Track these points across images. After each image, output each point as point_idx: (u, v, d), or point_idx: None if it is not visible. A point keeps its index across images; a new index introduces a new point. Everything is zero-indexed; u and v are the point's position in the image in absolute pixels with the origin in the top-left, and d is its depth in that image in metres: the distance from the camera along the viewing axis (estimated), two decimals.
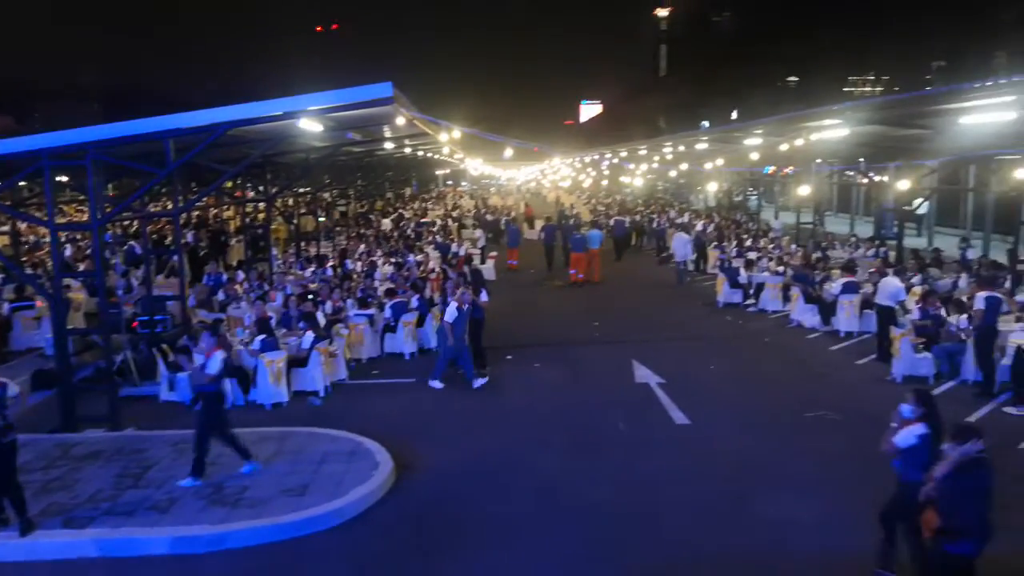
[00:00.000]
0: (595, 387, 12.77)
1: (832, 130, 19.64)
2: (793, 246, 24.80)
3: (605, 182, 63.29)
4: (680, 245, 24.57)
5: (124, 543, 7.53)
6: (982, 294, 12.00)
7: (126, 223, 23.11)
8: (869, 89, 75.25)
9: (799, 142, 22.03)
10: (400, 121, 13.45)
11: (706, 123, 74.96)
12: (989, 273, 15.59)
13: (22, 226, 23.46)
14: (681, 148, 35.90)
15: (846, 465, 9.36)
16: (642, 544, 7.58)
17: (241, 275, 18.14)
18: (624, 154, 45.38)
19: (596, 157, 48.00)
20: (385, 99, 10.34)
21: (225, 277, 17.95)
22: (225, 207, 35.01)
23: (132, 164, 11.40)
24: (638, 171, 49.13)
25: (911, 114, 16.62)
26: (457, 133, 16.70)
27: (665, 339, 16.34)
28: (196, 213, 30.15)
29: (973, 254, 21.64)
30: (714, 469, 9.33)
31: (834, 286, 16.56)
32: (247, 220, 25.68)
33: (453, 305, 12.88)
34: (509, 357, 14.55)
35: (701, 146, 33.18)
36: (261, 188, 23.10)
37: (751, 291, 19.64)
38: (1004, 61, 53.00)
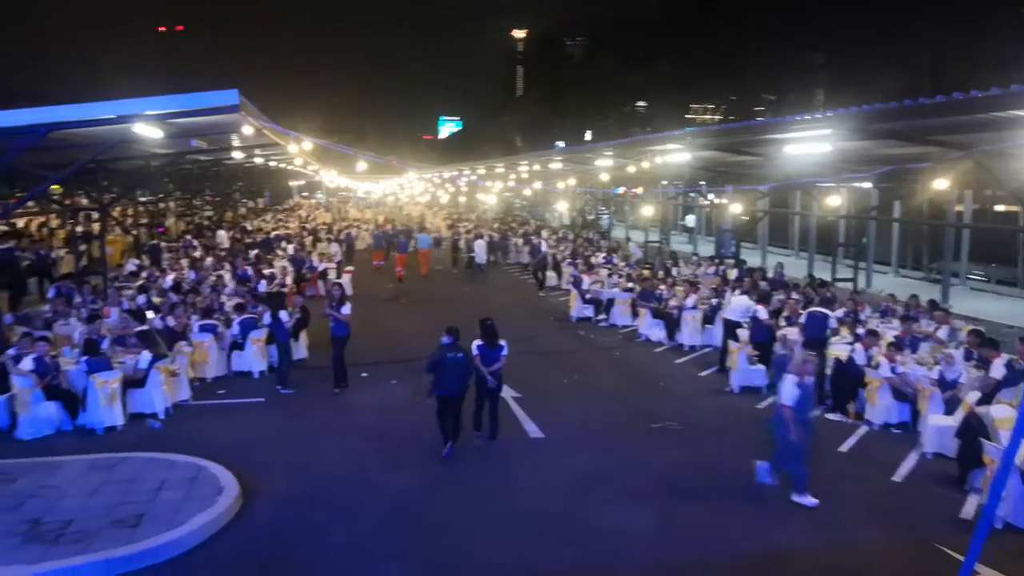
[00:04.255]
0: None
1: (675, 154, 20.89)
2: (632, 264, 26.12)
3: (463, 199, 63.79)
4: (479, 248, 30.12)
5: None
6: (810, 310, 13.11)
7: None
8: (709, 117, 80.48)
9: (645, 164, 23.23)
10: (248, 130, 12.97)
11: (561, 143, 77.43)
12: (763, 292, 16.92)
13: None
14: (536, 167, 36.88)
15: (685, 474, 9.87)
16: (484, 560, 7.61)
17: (54, 292, 16.76)
18: (482, 171, 45.95)
19: (454, 173, 48.30)
20: (231, 107, 9.95)
21: (72, 289, 16.54)
22: (53, 215, 32.25)
23: None
24: (495, 189, 49.88)
25: (743, 142, 17.99)
26: (308, 144, 16.25)
27: (521, 353, 16.59)
28: (15, 222, 27.51)
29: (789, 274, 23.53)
30: (563, 482, 9.54)
31: (688, 301, 17.42)
32: (78, 230, 23.73)
33: (792, 381, 8.84)
34: (364, 375, 14.28)
35: (555, 165, 34.26)
36: (94, 195, 21.46)
37: (602, 306, 20.39)
38: (822, 98, 58.47)
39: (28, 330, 12.90)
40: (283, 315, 13.70)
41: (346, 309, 13.29)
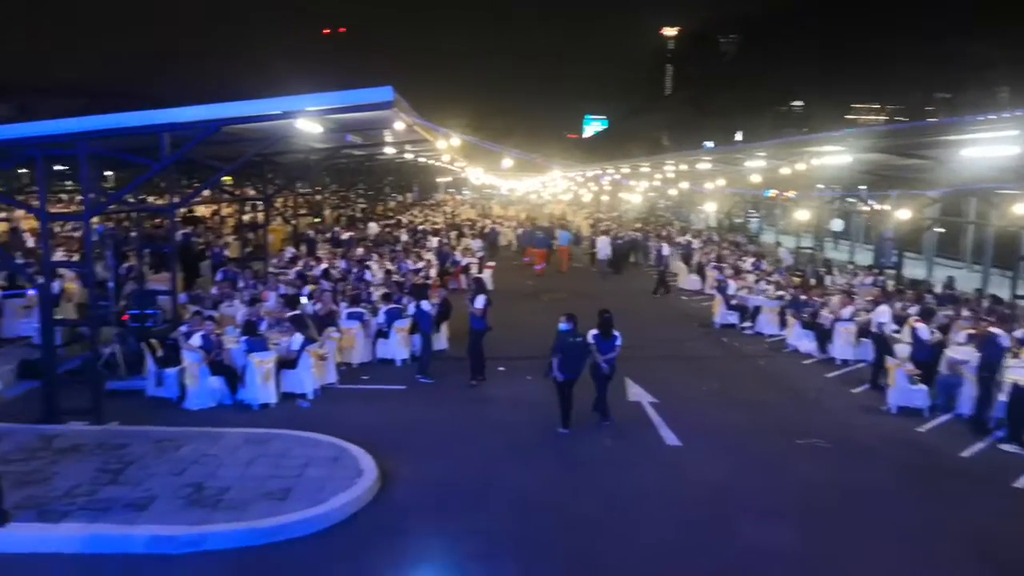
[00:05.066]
0: (587, 403, 12.65)
1: (834, 156, 19.66)
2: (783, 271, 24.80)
3: (606, 197, 63.28)
4: (603, 246, 30.59)
5: (99, 540, 7.38)
6: (993, 331, 11.97)
7: (122, 216, 22.99)
8: (873, 117, 75.58)
9: (801, 166, 22.05)
10: (400, 126, 13.38)
11: (709, 143, 75.24)
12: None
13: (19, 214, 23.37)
14: (683, 167, 35.95)
15: (830, 495, 9.25)
16: (619, 563, 7.46)
17: (221, 275, 17.99)
18: (626, 170, 45.40)
19: (597, 172, 48.04)
20: (385, 103, 10.27)
21: (236, 274, 17.85)
22: (224, 204, 34.93)
23: (127, 157, 11.32)
24: (639, 188, 49.14)
25: (913, 144, 16.66)
26: (456, 140, 16.60)
27: (659, 358, 16.24)
28: (191, 210, 30.02)
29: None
30: (700, 492, 9.22)
31: (843, 312, 16.39)
32: (244, 219, 25.56)
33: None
34: (501, 369, 14.43)
35: (703, 166, 33.25)
36: (259, 187, 23.03)
37: (749, 313, 19.56)
38: (1007, 96, 53.31)
39: (198, 309, 14.00)
40: (426, 306, 14.09)
41: (479, 302, 13.47)
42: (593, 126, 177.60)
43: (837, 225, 29.71)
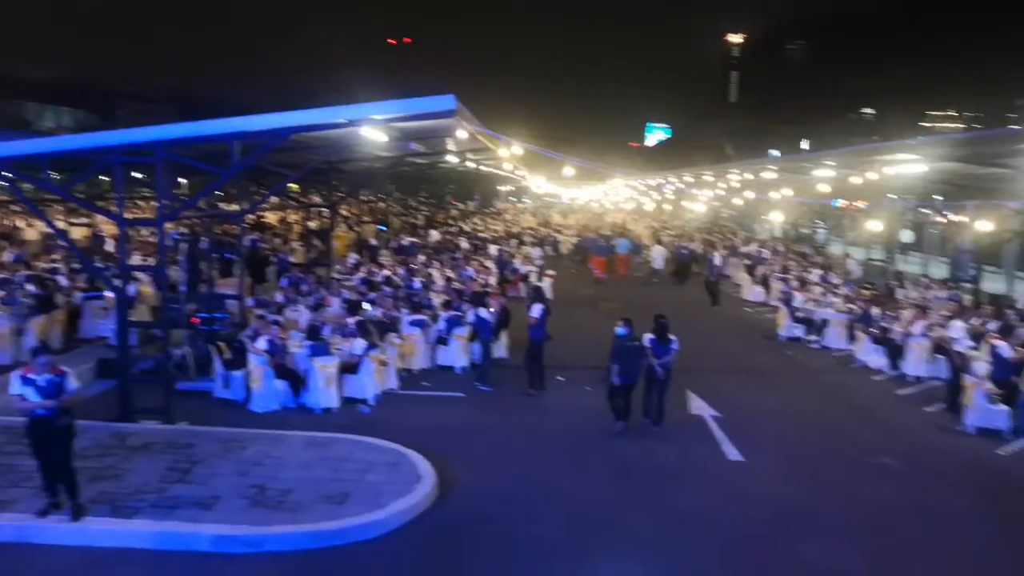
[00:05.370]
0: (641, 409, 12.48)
1: (907, 165, 18.97)
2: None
3: (669, 207, 62.50)
4: (657, 255, 30.76)
5: (168, 537, 7.61)
6: None
7: (194, 222, 23.78)
8: (949, 125, 72.84)
9: (872, 176, 21.35)
10: (462, 134, 13.48)
11: (775, 152, 73.70)
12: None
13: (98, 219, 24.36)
14: (747, 176, 35.26)
15: (901, 518, 8.89)
16: None
17: (286, 281, 18.37)
18: (689, 179, 44.79)
19: (660, 181, 47.48)
20: (448, 111, 10.35)
21: (301, 279, 18.25)
22: (292, 211, 35.82)
23: (199, 164, 11.66)
24: (702, 197, 48.40)
25: (993, 152, 15.94)
26: (519, 149, 16.64)
27: (722, 370, 15.91)
28: (260, 216, 30.85)
29: None
30: (763, 510, 8.96)
31: (915, 327, 15.79)
32: (310, 225, 26.15)
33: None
34: (560, 378, 14.36)
35: (769, 175, 32.52)
36: (325, 194, 23.52)
37: (815, 326, 19.02)
38: None
39: (264, 313, 14.34)
40: (486, 314, 14.12)
41: (536, 311, 13.45)
42: (656, 134, 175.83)
43: (907, 236, 28.79)
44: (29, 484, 8.12)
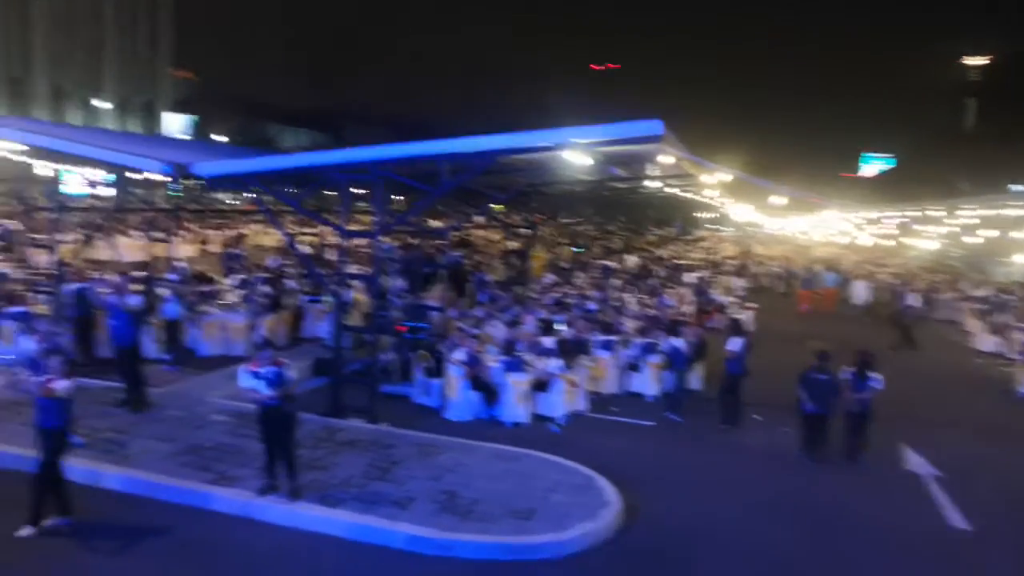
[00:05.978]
0: (851, 467, 11.46)
1: None
2: None
3: (892, 242, 57.49)
4: (859, 290, 28.71)
5: (367, 530, 8.07)
6: None
7: (404, 236, 25.36)
8: None
9: None
10: (667, 160, 13.22)
11: (1018, 187, 65.73)
12: None
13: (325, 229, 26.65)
14: (987, 212, 31.70)
15: None
16: None
17: (485, 296, 18.93)
18: (914, 214, 41.09)
19: (878, 215, 43.99)
20: (655, 136, 10.18)
21: (500, 296, 18.88)
22: (493, 230, 37.17)
23: (411, 183, 12.36)
24: (929, 234, 44.15)
25: None
26: (728, 176, 16.05)
27: (945, 425, 14.29)
28: (467, 234, 32.25)
29: None
30: None
31: None
32: (510, 245, 26.96)
33: None
34: (757, 417, 13.60)
35: (1013, 212, 29.05)
36: (526, 215, 24.16)
37: None
38: None
39: (463, 326, 14.92)
40: (680, 343, 13.73)
41: (733, 345, 12.86)
42: (874, 165, 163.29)
43: None
44: (254, 465, 8.97)
